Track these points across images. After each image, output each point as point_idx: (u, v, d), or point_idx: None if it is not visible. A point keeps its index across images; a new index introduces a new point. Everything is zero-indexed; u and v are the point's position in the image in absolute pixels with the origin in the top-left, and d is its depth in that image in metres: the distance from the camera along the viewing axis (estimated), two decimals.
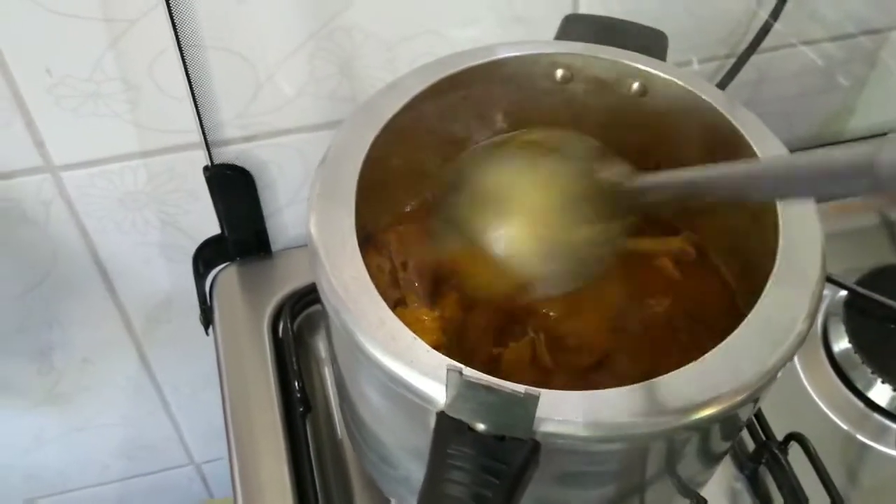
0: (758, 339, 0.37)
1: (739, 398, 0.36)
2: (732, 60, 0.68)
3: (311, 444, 0.56)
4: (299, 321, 0.63)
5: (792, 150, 0.45)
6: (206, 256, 0.67)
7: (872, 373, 0.60)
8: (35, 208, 0.61)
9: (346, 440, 0.57)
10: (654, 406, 0.34)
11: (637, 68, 0.48)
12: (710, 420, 0.35)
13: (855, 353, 0.61)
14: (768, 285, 0.38)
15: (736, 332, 0.37)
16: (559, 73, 0.50)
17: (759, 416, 0.57)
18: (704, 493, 0.50)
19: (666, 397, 0.35)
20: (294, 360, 0.58)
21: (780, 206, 0.42)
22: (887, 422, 0.59)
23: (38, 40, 0.52)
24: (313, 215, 0.40)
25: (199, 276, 0.67)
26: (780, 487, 0.55)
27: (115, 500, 0.96)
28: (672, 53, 0.52)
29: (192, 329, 0.71)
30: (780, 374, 0.37)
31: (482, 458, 0.33)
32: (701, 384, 0.35)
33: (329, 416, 0.59)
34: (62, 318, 0.71)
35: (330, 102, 0.61)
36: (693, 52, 0.68)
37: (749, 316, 0.37)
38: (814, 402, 0.60)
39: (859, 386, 0.61)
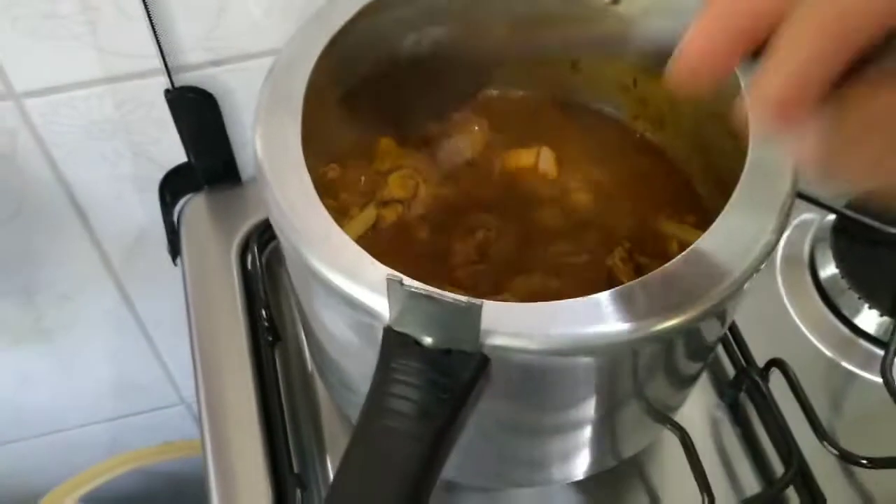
0: (723, 250, 0.35)
1: (702, 309, 0.34)
2: None
3: (280, 375, 0.55)
4: (268, 251, 0.61)
5: None
6: (174, 185, 0.65)
7: (859, 298, 0.58)
8: (1, 138, 0.59)
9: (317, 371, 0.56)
10: (608, 316, 0.33)
11: None
12: (670, 332, 0.34)
13: (842, 278, 0.59)
14: (734, 195, 0.36)
15: (698, 241, 0.35)
16: None
17: (739, 341, 0.55)
18: (684, 419, 0.48)
19: (622, 308, 0.33)
20: (262, 289, 0.57)
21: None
22: (873, 348, 0.57)
23: None
24: (259, 130, 0.39)
25: (166, 206, 0.65)
26: (760, 415, 0.54)
27: (107, 439, 0.96)
28: None
29: (170, 262, 0.69)
30: (746, 286, 0.35)
31: (429, 372, 0.32)
32: (661, 294, 0.34)
33: (299, 347, 0.58)
34: (38, 252, 0.69)
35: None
36: None
37: (713, 225, 0.36)
38: (798, 328, 0.59)
39: (846, 312, 0.59)
